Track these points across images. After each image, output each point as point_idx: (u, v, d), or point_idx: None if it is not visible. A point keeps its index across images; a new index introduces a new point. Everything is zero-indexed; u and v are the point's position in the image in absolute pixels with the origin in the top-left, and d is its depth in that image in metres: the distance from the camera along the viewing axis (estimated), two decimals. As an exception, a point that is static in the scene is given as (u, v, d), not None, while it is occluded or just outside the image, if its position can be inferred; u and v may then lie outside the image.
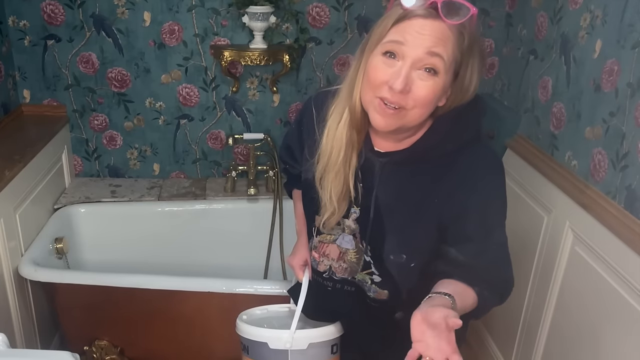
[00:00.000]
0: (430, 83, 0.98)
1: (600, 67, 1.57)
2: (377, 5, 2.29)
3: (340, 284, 1.27)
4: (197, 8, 2.25)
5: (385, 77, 0.99)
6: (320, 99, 1.21)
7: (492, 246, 1.12)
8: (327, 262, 1.26)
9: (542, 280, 1.84)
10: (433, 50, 0.96)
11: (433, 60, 0.97)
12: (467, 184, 1.08)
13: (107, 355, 2.02)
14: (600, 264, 1.53)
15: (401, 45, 0.98)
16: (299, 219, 1.42)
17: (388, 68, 0.99)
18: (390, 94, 0.99)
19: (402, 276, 1.18)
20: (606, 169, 1.53)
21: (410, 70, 0.97)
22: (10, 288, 1.86)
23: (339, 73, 2.38)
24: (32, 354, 1.30)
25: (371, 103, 1.03)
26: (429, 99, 1.00)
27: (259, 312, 1.46)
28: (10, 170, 1.84)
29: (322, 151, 1.13)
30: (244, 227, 2.39)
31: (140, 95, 2.37)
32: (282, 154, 1.42)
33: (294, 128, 1.32)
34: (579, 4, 1.68)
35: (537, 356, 1.87)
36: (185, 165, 2.52)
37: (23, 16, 2.20)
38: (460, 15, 0.96)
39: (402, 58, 0.98)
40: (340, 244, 1.23)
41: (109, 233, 2.31)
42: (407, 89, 0.98)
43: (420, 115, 1.02)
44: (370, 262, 1.21)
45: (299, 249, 1.41)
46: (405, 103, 0.99)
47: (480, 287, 1.11)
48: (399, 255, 1.16)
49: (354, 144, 1.10)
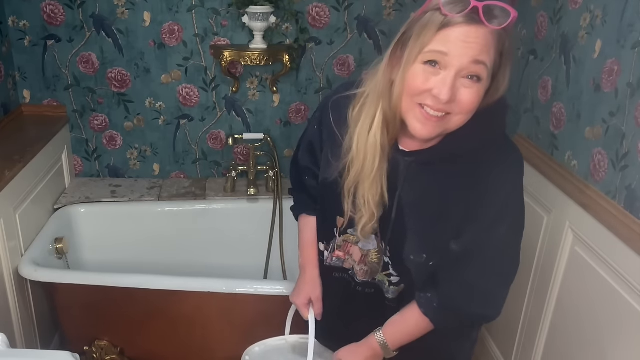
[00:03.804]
0: (474, 89, 0.97)
1: (600, 67, 1.57)
2: (377, 5, 2.29)
3: (361, 287, 1.26)
4: (197, 8, 2.25)
5: (428, 86, 0.97)
6: (337, 104, 1.18)
7: (495, 242, 1.11)
8: (351, 261, 1.26)
9: (542, 280, 1.84)
10: (478, 58, 0.94)
11: (477, 69, 0.95)
12: (489, 184, 1.08)
13: (107, 355, 2.02)
14: (600, 264, 1.53)
15: (445, 55, 0.94)
16: (304, 251, 1.37)
17: (431, 76, 0.96)
18: (434, 102, 0.97)
19: (420, 275, 1.18)
20: (606, 169, 1.53)
21: (455, 79, 0.95)
22: (10, 288, 1.86)
23: (339, 73, 2.39)
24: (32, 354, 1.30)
25: (411, 111, 1.01)
26: (474, 105, 0.98)
27: (258, 350, 1.42)
28: (10, 170, 1.84)
29: (353, 159, 1.11)
30: (244, 227, 2.39)
31: (140, 96, 2.37)
32: (303, 159, 1.34)
33: (315, 129, 1.27)
34: (579, 4, 1.68)
35: (537, 356, 1.87)
36: (185, 165, 2.52)
37: (23, 16, 2.20)
38: (500, 18, 0.94)
39: (446, 67, 0.95)
40: (362, 246, 1.22)
41: (109, 233, 2.31)
42: (452, 99, 0.96)
43: (463, 120, 1.00)
44: (388, 263, 1.20)
45: (303, 286, 1.36)
46: (450, 109, 0.98)
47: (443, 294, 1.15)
48: (419, 255, 1.15)
49: (386, 145, 1.09)
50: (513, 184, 1.11)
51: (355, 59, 2.37)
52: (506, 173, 1.09)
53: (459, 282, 1.14)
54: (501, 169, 1.09)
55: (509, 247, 1.14)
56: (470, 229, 1.10)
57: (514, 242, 1.14)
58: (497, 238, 1.11)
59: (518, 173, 1.11)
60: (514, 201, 1.12)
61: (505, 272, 1.16)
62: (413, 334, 1.21)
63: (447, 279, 1.15)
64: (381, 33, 2.33)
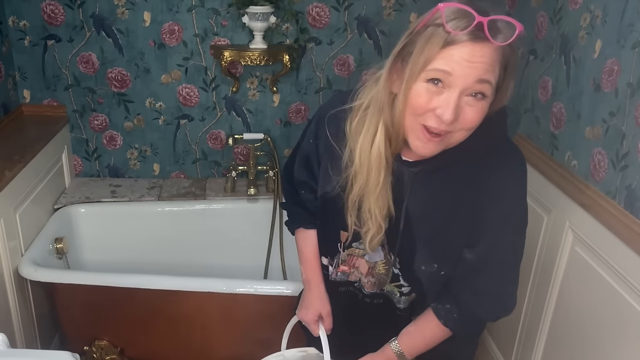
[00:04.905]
0: (478, 107, 0.94)
1: (600, 67, 1.57)
2: (377, 5, 2.28)
3: (369, 298, 1.25)
4: (197, 8, 2.25)
5: (431, 106, 0.94)
6: (333, 117, 1.16)
7: (506, 248, 1.12)
8: (357, 274, 1.24)
9: (542, 280, 1.84)
10: (483, 77, 0.92)
11: (482, 87, 0.93)
12: (495, 188, 1.07)
13: (107, 355, 2.02)
14: (600, 264, 1.53)
15: (449, 75, 0.91)
16: (307, 266, 1.33)
17: (434, 96, 0.94)
18: (437, 123, 0.95)
19: (431, 284, 1.17)
20: (606, 169, 1.53)
21: (459, 99, 0.93)
22: (10, 288, 1.86)
23: (339, 73, 2.39)
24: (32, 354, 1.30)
25: (414, 131, 0.99)
26: (477, 122, 0.96)
27: None
28: (10, 170, 1.84)
29: (357, 173, 1.09)
30: (244, 227, 2.39)
31: (140, 95, 2.37)
32: (300, 174, 1.30)
33: (312, 142, 1.24)
34: (579, 4, 1.68)
35: (537, 356, 1.87)
36: (185, 165, 2.52)
37: (23, 16, 2.20)
38: (505, 33, 0.91)
39: (450, 87, 0.92)
40: (369, 258, 1.20)
41: (109, 233, 2.31)
42: (455, 119, 0.94)
43: (464, 136, 0.99)
44: (398, 274, 1.19)
45: (311, 302, 1.32)
46: (452, 128, 0.96)
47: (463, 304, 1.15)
48: (430, 265, 1.14)
49: (389, 160, 1.08)
50: (518, 188, 1.10)
51: (355, 59, 2.37)
52: (511, 177, 1.09)
53: (475, 290, 1.14)
54: (506, 173, 1.08)
55: (517, 249, 1.14)
56: (482, 237, 1.10)
57: (521, 244, 1.15)
58: (507, 244, 1.12)
59: (522, 177, 1.11)
60: (519, 205, 1.12)
61: (513, 272, 1.16)
62: (429, 344, 1.21)
63: (464, 289, 1.15)
64: (381, 33, 2.33)
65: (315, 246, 1.32)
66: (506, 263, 1.14)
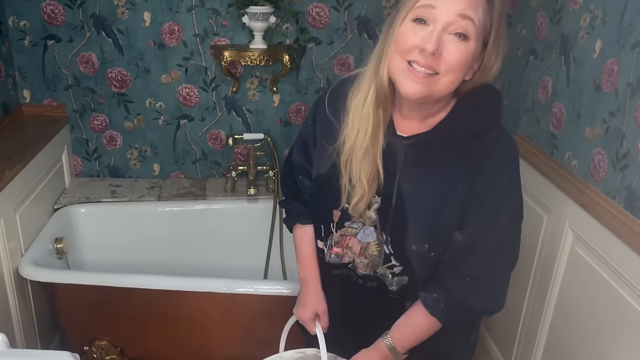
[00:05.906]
0: (462, 47, 0.98)
1: (600, 67, 1.57)
2: (377, 5, 2.29)
3: (362, 280, 1.25)
4: (197, 8, 2.25)
5: (416, 41, 0.98)
6: (336, 89, 1.20)
7: (496, 233, 1.11)
8: (350, 254, 1.25)
9: (542, 280, 1.84)
10: (464, 12, 0.96)
11: (464, 24, 0.96)
12: (487, 171, 1.08)
13: (107, 355, 2.02)
14: (600, 264, 1.53)
15: (432, 9, 0.97)
16: (304, 264, 1.34)
17: (419, 32, 0.98)
18: (422, 56, 0.98)
19: (422, 266, 1.17)
20: (606, 169, 1.53)
21: (442, 33, 0.97)
22: (10, 288, 1.86)
23: (339, 73, 2.39)
24: (32, 354, 1.30)
25: (400, 69, 1.02)
26: (461, 63, 0.99)
27: None
28: (10, 170, 1.84)
29: (348, 132, 1.12)
30: (244, 227, 2.39)
31: (140, 96, 2.37)
32: (297, 157, 1.32)
33: (310, 124, 1.27)
34: (578, 4, 1.68)
35: (537, 356, 1.87)
36: (185, 165, 2.52)
37: (23, 16, 2.20)
38: None
39: (434, 22, 0.97)
40: (361, 238, 1.21)
41: (109, 233, 2.31)
42: (439, 52, 0.97)
43: (450, 82, 1.01)
44: (390, 254, 1.19)
45: (308, 300, 1.32)
46: (437, 67, 0.98)
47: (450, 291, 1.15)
48: (421, 245, 1.14)
49: (380, 122, 1.10)
50: (511, 170, 1.11)
51: (356, 59, 2.37)
52: (504, 158, 1.10)
53: (462, 276, 1.14)
54: (499, 154, 1.09)
55: (508, 237, 1.14)
56: (473, 218, 1.10)
57: (514, 233, 1.15)
58: (497, 229, 1.11)
59: (515, 160, 1.12)
60: (514, 192, 1.12)
61: (505, 263, 1.16)
62: (420, 336, 1.21)
63: (450, 274, 1.15)
64: (381, 33, 2.32)
65: (313, 245, 1.32)
66: (497, 250, 1.13)
